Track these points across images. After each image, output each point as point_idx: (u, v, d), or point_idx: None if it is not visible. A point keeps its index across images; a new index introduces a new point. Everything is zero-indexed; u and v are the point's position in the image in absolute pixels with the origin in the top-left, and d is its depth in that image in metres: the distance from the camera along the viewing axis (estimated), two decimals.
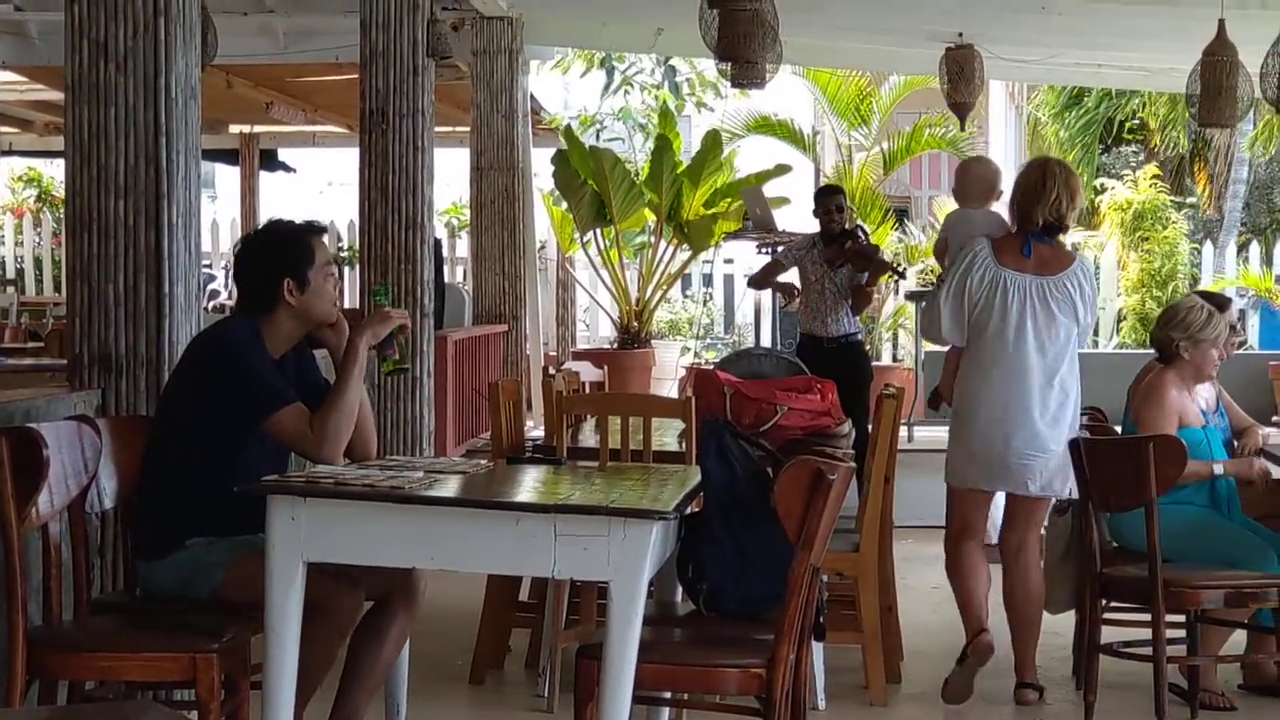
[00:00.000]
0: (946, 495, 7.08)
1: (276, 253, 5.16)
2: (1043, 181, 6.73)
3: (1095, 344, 17.25)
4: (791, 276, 10.83)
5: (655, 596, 5.26)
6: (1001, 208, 7.57)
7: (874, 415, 6.98)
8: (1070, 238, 17.96)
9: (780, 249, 11.26)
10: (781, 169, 15.35)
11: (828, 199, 10.56)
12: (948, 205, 18.12)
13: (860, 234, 10.55)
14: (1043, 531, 7.20)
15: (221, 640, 4.66)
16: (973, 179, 8.04)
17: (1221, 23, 9.07)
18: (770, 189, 14.63)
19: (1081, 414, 7.34)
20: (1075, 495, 6.87)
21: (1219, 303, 7.25)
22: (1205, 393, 6.93)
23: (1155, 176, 19.19)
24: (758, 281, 11.36)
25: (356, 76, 9.55)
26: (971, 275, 6.77)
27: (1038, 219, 6.72)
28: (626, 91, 19.34)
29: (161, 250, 5.90)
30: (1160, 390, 6.71)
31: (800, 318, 10.78)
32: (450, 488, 4.78)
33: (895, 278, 11.52)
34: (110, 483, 5.05)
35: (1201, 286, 16.06)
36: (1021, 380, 6.69)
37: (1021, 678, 6.86)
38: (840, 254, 10.24)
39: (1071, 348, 6.78)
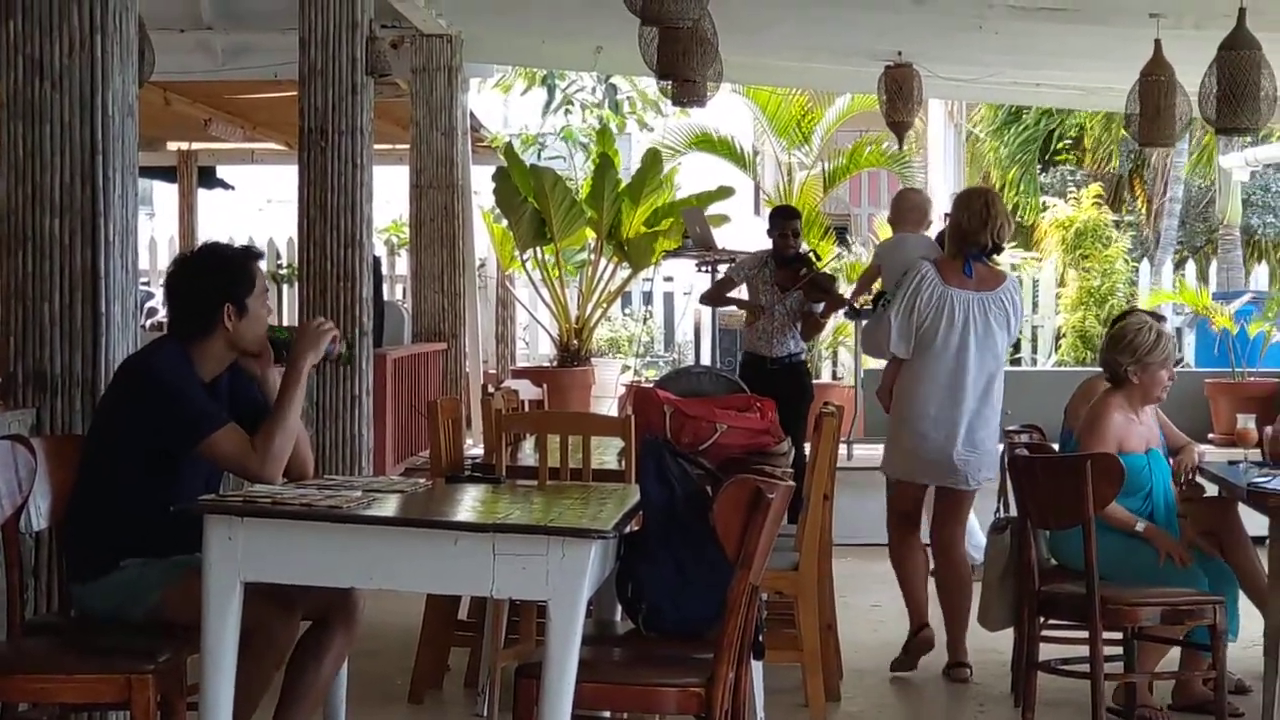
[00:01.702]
0: (887, 485, 7.71)
1: (219, 277, 5.13)
2: (987, 209, 7.43)
3: (1034, 361, 17.35)
4: (740, 293, 10.84)
5: (594, 616, 5.26)
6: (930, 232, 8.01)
7: (813, 433, 6.99)
8: (1009, 257, 18.15)
9: (731, 265, 11.22)
10: (724, 191, 15.38)
11: (784, 222, 10.52)
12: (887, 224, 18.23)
13: (811, 259, 10.55)
14: (980, 558, 7.40)
15: (157, 661, 4.63)
16: (910, 206, 8.99)
17: (1158, 43, 9.16)
18: (709, 208, 14.66)
19: (1020, 431, 7.41)
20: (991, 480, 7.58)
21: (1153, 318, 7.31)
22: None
23: (1098, 196, 19.33)
24: (712, 298, 11.35)
25: (295, 94, 9.52)
26: (921, 294, 7.41)
27: (984, 241, 7.42)
28: (568, 110, 19.34)
29: (98, 269, 5.86)
30: (1102, 417, 6.70)
31: (745, 337, 10.77)
32: (388, 507, 4.77)
33: (851, 311, 11.52)
34: (45, 503, 5.01)
35: (1139, 304, 16.15)
36: (962, 387, 7.41)
37: (955, 658, 7.52)
38: (793, 279, 10.23)
39: (1004, 354, 7.58)
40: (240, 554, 4.50)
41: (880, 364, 8.18)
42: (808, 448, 7.92)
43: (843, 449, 9.93)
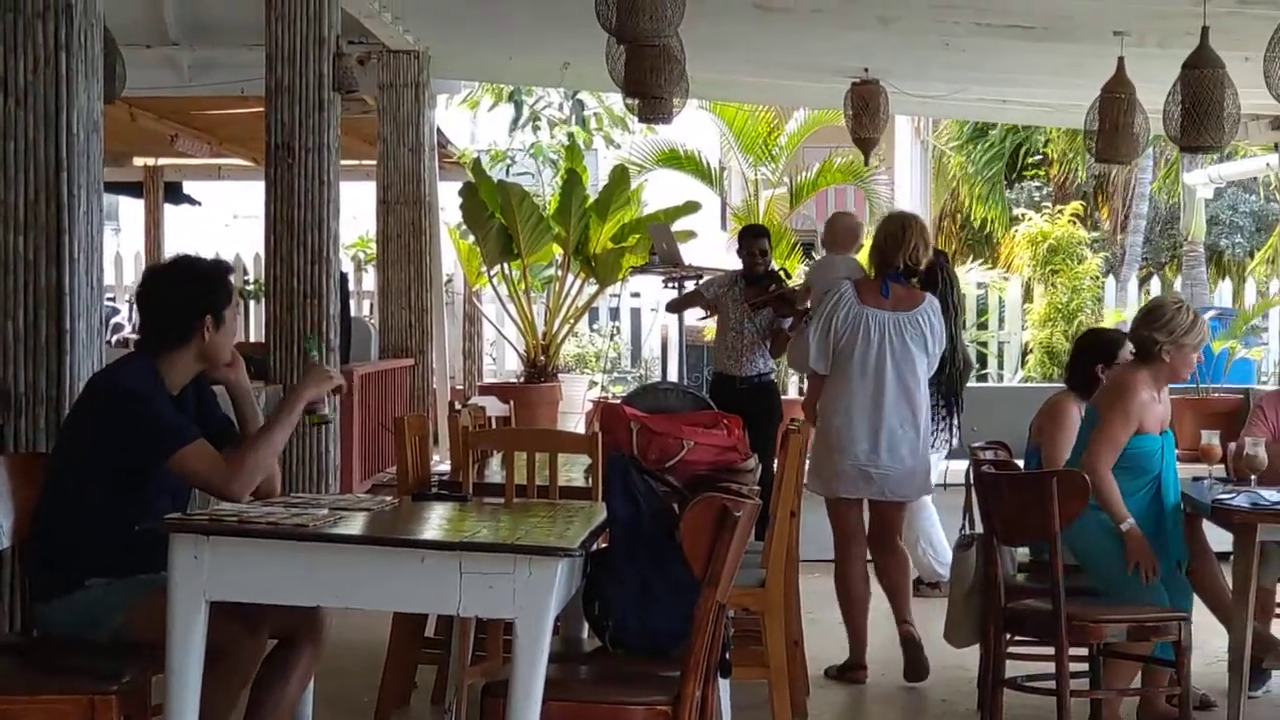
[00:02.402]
0: (826, 506, 7.93)
1: (198, 288, 5.12)
2: (903, 231, 7.84)
3: (1000, 377, 17.38)
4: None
5: (561, 633, 5.25)
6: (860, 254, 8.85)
7: (779, 450, 7.00)
8: (975, 275, 18.19)
9: (701, 282, 11.26)
10: (691, 206, 15.38)
11: (753, 241, 10.56)
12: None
13: (781, 276, 10.57)
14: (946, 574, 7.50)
15: (121, 681, 4.61)
16: (841, 229, 9.52)
17: (1121, 60, 9.20)
18: (676, 223, 14.67)
19: (985, 448, 7.42)
20: (924, 495, 8.21)
21: (1114, 339, 7.34)
22: None
23: (1075, 213, 19.38)
24: (678, 306, 11.46)
25: (262, 110, 9.51)
26: (837, 313, 7.78)
27: (899, 263, 7.79)
28: (535, 127, 19.34)
29: (63, 286, 5.85)
30: (1130, 393, 6.53)
31: (714, 356, 10.79)
32: (355, 525, 4.75)
33: None
34: (8, 521, 4.99)
35: (1106, 320, 16.20)
36: (882, 403, 7.74)
37: (900, 617, 7.86)
38: (761, 295, 10.27)
39: (923, 373, 7.84)
40: (206, 573, 4.49)
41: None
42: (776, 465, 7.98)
43: (809, 465, 9.94)
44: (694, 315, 11.73)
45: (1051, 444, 7.15)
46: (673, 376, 14.04)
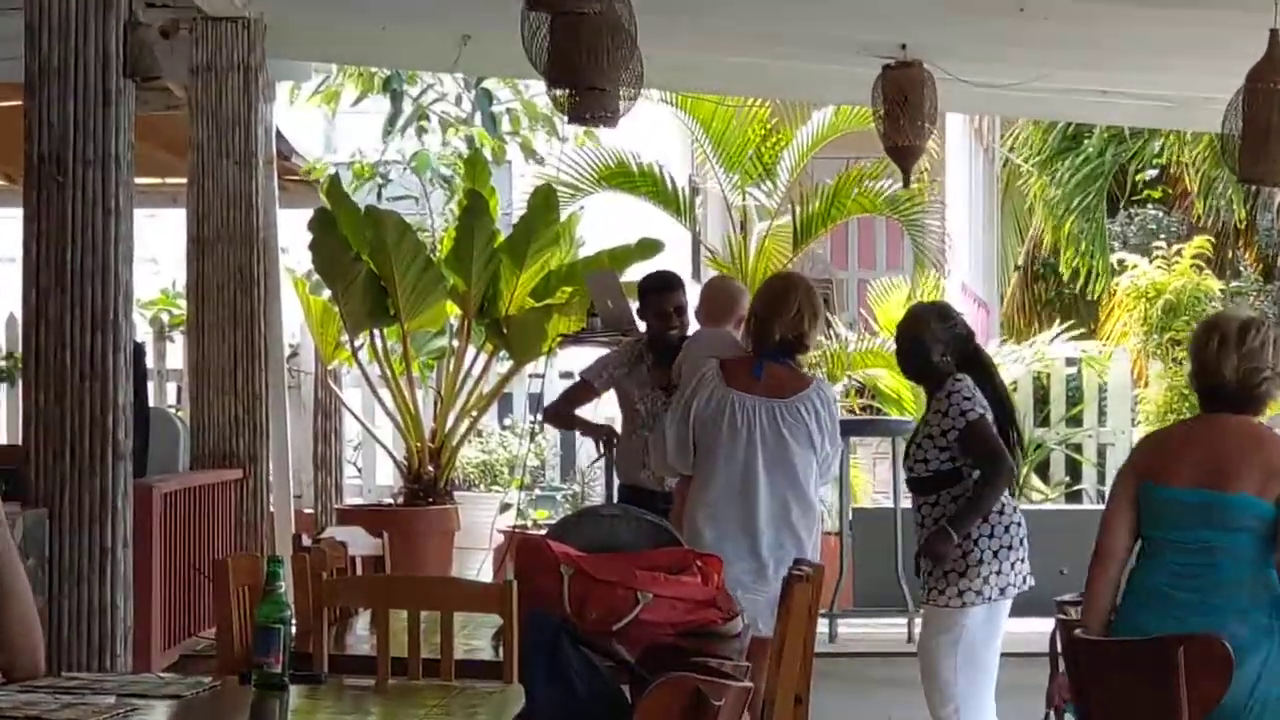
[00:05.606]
0: None
1: None
2: (785, 294, 8.66)
3: (1100, 496, 17.44)
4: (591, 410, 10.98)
5: None
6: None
7: (780, 605, 7.00)
8: (1065, 348, 18.28)
9: (587, 367, 11.14)
10: (648, 246, 15.40)
11: (663, 296, 10.47)
12: (892, 291, 18.35)
13: None
14: None
15: None
16: (709, 298, 10.15)
17: (1274, 33, 9.26)
18: (628, 270, 14.70)
19: (1077, 601, 7.43)
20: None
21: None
22: None
23: (1199, 252, 19.48)
24: (558, 415, 11.51)
25: (20, 104, 9.51)
26: (699, 397, 8.56)
27: (775, 334, 8.55)
28: (421, 129, 19.37)
29: None
30: None
31: (617, 464, 10.80)
32: None
33: None
34: None
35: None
36: (752, 512, 8.48)
37: None
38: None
39: (810, 478, 8.58)
40: None
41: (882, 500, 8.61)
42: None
43: (823, 626, 9.96)
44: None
45: None
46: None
